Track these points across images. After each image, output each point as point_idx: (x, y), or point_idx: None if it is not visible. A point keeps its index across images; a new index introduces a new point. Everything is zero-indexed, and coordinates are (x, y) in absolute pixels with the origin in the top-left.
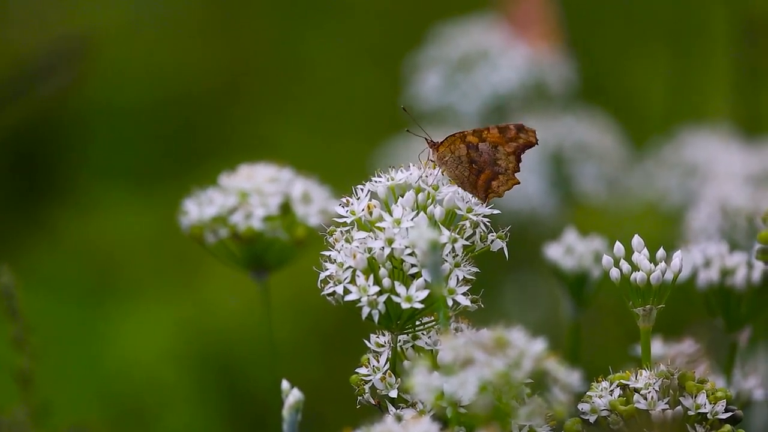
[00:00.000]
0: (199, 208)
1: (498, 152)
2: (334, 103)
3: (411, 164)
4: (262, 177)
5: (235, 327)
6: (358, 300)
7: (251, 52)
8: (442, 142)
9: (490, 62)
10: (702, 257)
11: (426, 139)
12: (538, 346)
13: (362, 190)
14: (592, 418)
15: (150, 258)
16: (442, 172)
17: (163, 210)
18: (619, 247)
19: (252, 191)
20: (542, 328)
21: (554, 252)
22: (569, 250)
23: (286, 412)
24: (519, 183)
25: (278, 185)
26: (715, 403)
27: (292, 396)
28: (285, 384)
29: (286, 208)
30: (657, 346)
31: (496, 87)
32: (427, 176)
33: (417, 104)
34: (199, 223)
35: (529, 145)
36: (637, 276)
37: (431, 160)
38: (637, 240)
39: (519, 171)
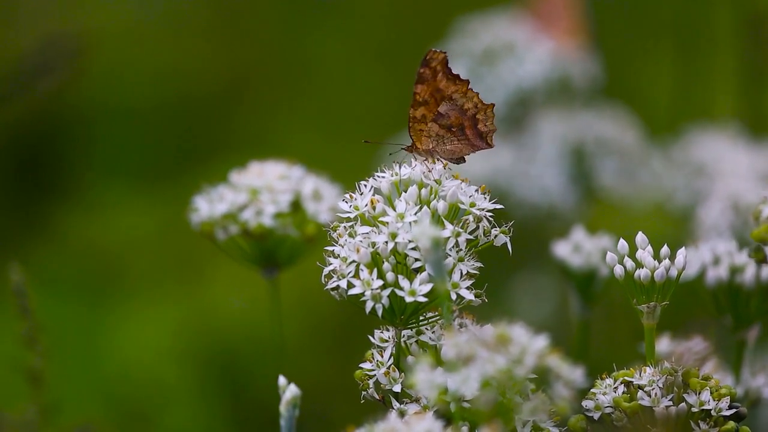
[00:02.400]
0: (209, 205)
1: (454, 100)
2: (340, 102)
3: (414, 160)
4: (273, 174)
5: (239, 326)
6: (362, 294)
7: (255, 51)
8: (414, 139)
9: (515, 56)
10: (711, 255)
11: (403, 149)
12: (540, 342)
13: (365, 185)
14: (596, 415)
15: (153, 257)
16: (437, 159)
17: (166, 209)
18: (623, 244)
19: (263, 188)
20: (551, 325)
21: (562, 250)
22: (577, 248)
23: (283, 408)
24: (494, 104)
25: (289, 182)
26: (718, 400)
27: (289, 392)
28: (282, 380)
29: (296, 205)
30: (665, 344)
31: (521, 81)
32: (430, 171)
33: None
34: (209, 219)
35: (444, 60)
36: (641, 273)
37: (424, 158)
38: (641, 237)
39: (470, 85)
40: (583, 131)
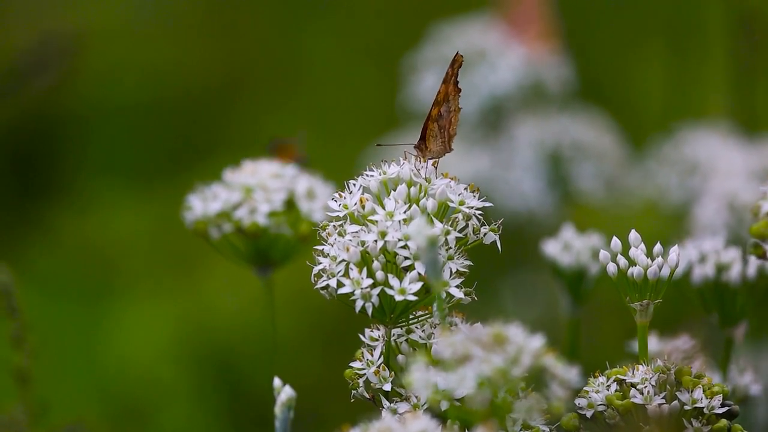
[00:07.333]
0: (203, 204)
1: (449, 102)
2: (334, 101)
3: (402, 158)
4: (267, 173)
5: (234, 325)
6: (352, 293)
7: (251, 49)
8: (426, 140)
9: (488, 62)
10: (697, 253)
11: (406, 151)
12: (537, 342)
13: (354, 184)
14: (588, 413)
15: (148, 256)
16: (427, 158)
17: (161, 208)
18: (616, 242)
19: (256, 187)
20: (540, 325)
21: (552, 248)
22: (567, 246)
23: (278, 410)
24: (461, 108)
25: (282, 181)
26: (711, 398)
27: (284, 393)
28: (277, 381)
29: (290, 203)
30: (653, 342)
31: (494, 87)
32: (419, 169)
33: (414, 104)
34: (203, 218)
35: (461, 63)
36: (634, 271)
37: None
38: (634, 235)
39: (461, 92)
40: (560, 136)
